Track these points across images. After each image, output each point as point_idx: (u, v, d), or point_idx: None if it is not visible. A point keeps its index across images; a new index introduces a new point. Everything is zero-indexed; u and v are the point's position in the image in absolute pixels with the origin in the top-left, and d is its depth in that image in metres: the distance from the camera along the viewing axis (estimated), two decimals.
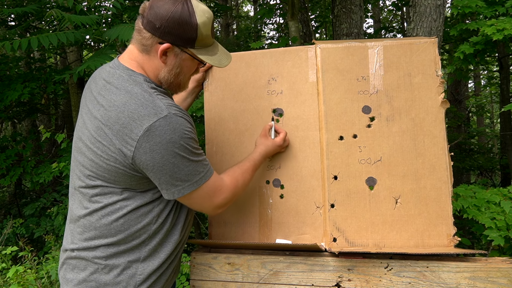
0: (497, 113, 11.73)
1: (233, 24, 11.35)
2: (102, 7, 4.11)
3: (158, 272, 1.26)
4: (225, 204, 1.31)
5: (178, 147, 1.15)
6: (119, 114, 1.14)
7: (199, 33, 1.20)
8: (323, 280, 1.38)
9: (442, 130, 1.45)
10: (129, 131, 1.13)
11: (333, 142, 1.50)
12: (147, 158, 1.13)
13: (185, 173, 1.18)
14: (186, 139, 1.16)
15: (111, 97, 1.18)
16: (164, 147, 1.13)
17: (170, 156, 1.14)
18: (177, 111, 1.18)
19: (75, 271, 1.23)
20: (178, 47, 1.22)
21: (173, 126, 1.14)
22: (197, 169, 1.21)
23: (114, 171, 1.17)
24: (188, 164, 1.18)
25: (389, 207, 1.44)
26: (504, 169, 5.90)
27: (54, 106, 7.05)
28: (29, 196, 5.82)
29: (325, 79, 1.53)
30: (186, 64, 1.27)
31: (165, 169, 1.15)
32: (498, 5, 3.55)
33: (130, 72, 1.22)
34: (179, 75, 1.28)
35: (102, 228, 1.21)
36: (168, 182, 1.18)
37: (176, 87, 1.32)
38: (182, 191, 1.20)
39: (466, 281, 1.28)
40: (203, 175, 1.22)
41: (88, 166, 1.21)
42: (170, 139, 1.13)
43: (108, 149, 1.16)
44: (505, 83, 5.32)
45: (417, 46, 1.48)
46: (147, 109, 1.13)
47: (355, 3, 3.29)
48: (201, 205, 1.27)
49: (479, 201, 2.52)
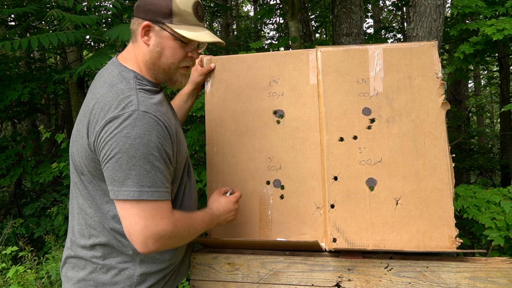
0: (497, 113, 11.74)
1: (233, 24, 11.35)
2: (102, 7, 4.11)
3: (157, 275, 1.25)
4: (163, 237, 1.10)
5: (130, 143, 1.06)
6: (95, 105, 1.14)
7: (174, 5, 1.18)
8: (323, 280, 1.38)
9: (443, 132, 1.45)
10: (97, 121, 1.12)
11: (333, 143, 1.51)
12: (100, 148, 1.10)
13: (125, 175, 1.07)
14: (146, 140, 1.07)
15: (96, 90, 1.19)
16: (115, 140, 1.06)
17: (118, 150, 1.06)
18: (151, 110, 1.11)
19: (75, 270, 1.24)
20: (157, 24, 1.20)
21: (135, 122, 1.07)
22: (142, 179, 1.07)
23: (88, 164, 1.16)
24: (133, 168, 1.06)
25: (390, 208, 1.45)
26: (504, 169, 5.91)
27: (54, 106, 7.06)
28: (29, 196, 5.82)
29: (325, 82, 1.54)
30: (167, 44, 1.21)
31: (109, 163, 1.08)
32: (498, 5, 3.55)
33: (122, 68, 1.22)
34: (161, 56, 1.22)
35: (97, 227, 1.21)
36: (109, 178, 1.09)
37: (162, 73, 1.25)
38: (117, 193, 1.08)
39: (466, 281, 1.28)
40: (147, 190, 1.08)
41: (76, 160, 1.21)
42: (126, 134, 1.06)
43: (82, 140, 1.16)
44: (505, 83, 5.32)
45: (417, 49, 1.49)
46: (119, 102, 1.11)
47: (355, 3, 3.29)
48: (132, 224, 1.08)
49: (479, 201, 2.53)
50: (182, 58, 1.25)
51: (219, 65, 1.63)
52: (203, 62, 1.64)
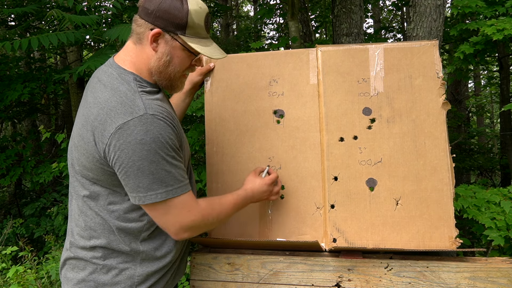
0: (497, 113, 11.74)
1: (233, 24, 11.35)
2: (102, 7, 4.11)
3: (157, 275, 1.26)
4: (192, 227, 1.19)
5: (148, 149, 1.08)
6: (99, 110, 1.14)
7: (190, 19, 1.18)
8: (323, 280, 1.38)
9: (443, 132, 1.45)
10: (104, 127, 1.11)
11: (333, 143, 1.51)
12: (115, 157, 1.09)
13: (149, 181, 1.10)
14: (160, 143, 1.10)
15: (97, 94, 1.18)
16: (132, 148, 1.07)
17: (137, 158, 1.08)
18: (158, 112, 1.13)
19: (75, 271, 1.24)
20: (169, 33, 1.19)
21: (146, 127, 1.09)
22: (165, 180, 1.12)
23: (95, 169, 1.16)
24: (155, 172, 1.10)
25: (390, 208, 1.45)
26: (504, 169, 5.90)
27: (54, 106, 7.06)
28: (29, 196, 5.81)
29: (326, 81, 1.53)
30: (177, 54, 1.22)
31: (130, 171, 1.09)
32: (498, 5, 3.55)
33: (121, 71, 1.21)
34: (169, 65, 1.22)
35: (96, 228, 1.21)
36: (132, 185, 1.12)
37: (166, 80, 1.25)
38: (143, 199, 1.12)
39: (466, 281, 1.28)
40: (171, 189, 1.13)
41: (77, 165, 1.21)
42: (141, 140, 1.08)
43: (88, 146, 1.15)
44: (505, 83, 5.32)
45: (417, 48, 1.49)
46: (125, 107, 1.11)
47: (355, 3, 3.29)
48: (164, 221, 1.17)
49: (479, 201, 2.53)
50: (188, 67, 1.28)
51: (219, 64, 1.62)
52: (202, 62, 1.63)
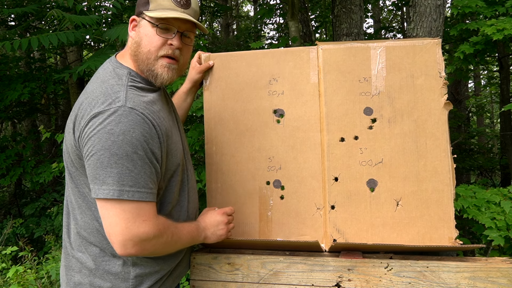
0: (497, 113, 11.73)
1: (233, 24, 11.35)
2: (102, 7, 4.11)
3: (152, 277, 1.23)
4: (144, 241, 1.06)
5: (113, 140, 1.02)
6: (84, 100, 1.13)
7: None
8: (323, 280, 1.38)
9: (444, 132, 1.44)
10: (83, 115, 1.09)
11: (334, 144, 1.50)
12: (84, 145, 1.06)
13: (106, 173, 1.02)
14: (130, 137, 1.03)
15: (87, 86, 1.19)
16: (98, 136, 1.02)
17: (100, 147, 1.02)
18: (139, 107, 1.08)
19: (70, 273, 1.23)
20: (139, 16, 1.22)
21: (119, 119, 1.04)
22: (124, 177, 1.03)
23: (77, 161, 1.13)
24: (114, 165, 1.02)
25: (390, 209, 1.44)
26: (504, 169, 5.90)
27: (54, 106, 7.05)
28: (29, 196, 5.81)
29: (326, 80, 1.53)
30: (144, 32, 1.19)
31: (91, 160, 1.04)
32: (498, 5, 3.55)
33: (117, 65, 1.22)
34: (139, 45, 1.19)
35: (88, 230, 1.19)
36: (90, 176, 1.05)
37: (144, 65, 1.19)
38: (97, 192, 1.04)
39: (466, 281, 1.28)
40: (128, 189, 1.03)
41: (66, 157, 1.20)
42: (110, 130, 1.02)
43: (69, 135, 1.15)
44: (505, 83, 5.32)
45: (420, 47, 1.47)
46: (106, 97, 1.09)
47: (355, 3, 3.29)
48: (113, 225, 1.05)
49: (479, 201, 2.53)
50: (159, 45, 1.19)
51: (218, 62, 1.61)
52: (201, 60, 1.61)
